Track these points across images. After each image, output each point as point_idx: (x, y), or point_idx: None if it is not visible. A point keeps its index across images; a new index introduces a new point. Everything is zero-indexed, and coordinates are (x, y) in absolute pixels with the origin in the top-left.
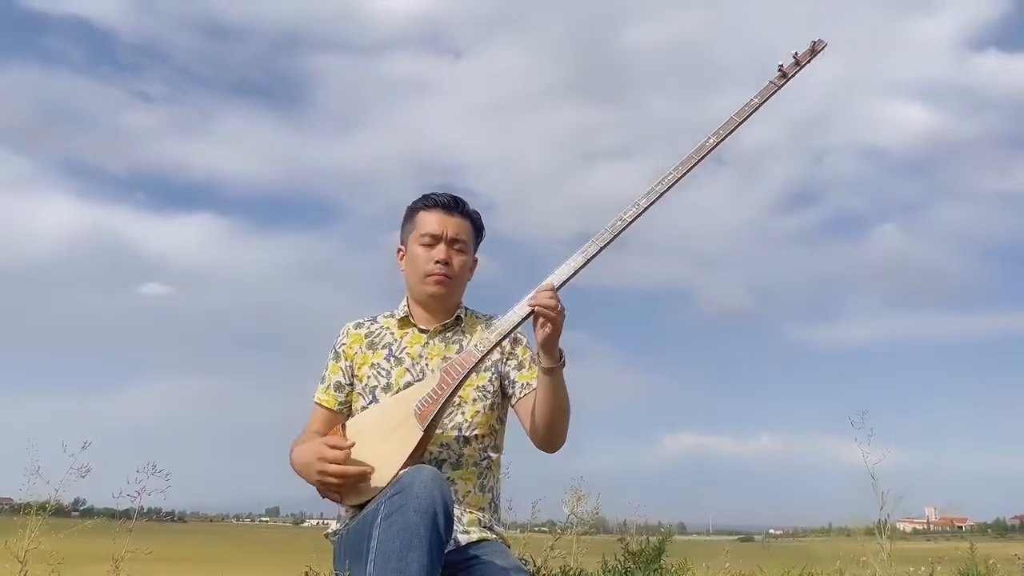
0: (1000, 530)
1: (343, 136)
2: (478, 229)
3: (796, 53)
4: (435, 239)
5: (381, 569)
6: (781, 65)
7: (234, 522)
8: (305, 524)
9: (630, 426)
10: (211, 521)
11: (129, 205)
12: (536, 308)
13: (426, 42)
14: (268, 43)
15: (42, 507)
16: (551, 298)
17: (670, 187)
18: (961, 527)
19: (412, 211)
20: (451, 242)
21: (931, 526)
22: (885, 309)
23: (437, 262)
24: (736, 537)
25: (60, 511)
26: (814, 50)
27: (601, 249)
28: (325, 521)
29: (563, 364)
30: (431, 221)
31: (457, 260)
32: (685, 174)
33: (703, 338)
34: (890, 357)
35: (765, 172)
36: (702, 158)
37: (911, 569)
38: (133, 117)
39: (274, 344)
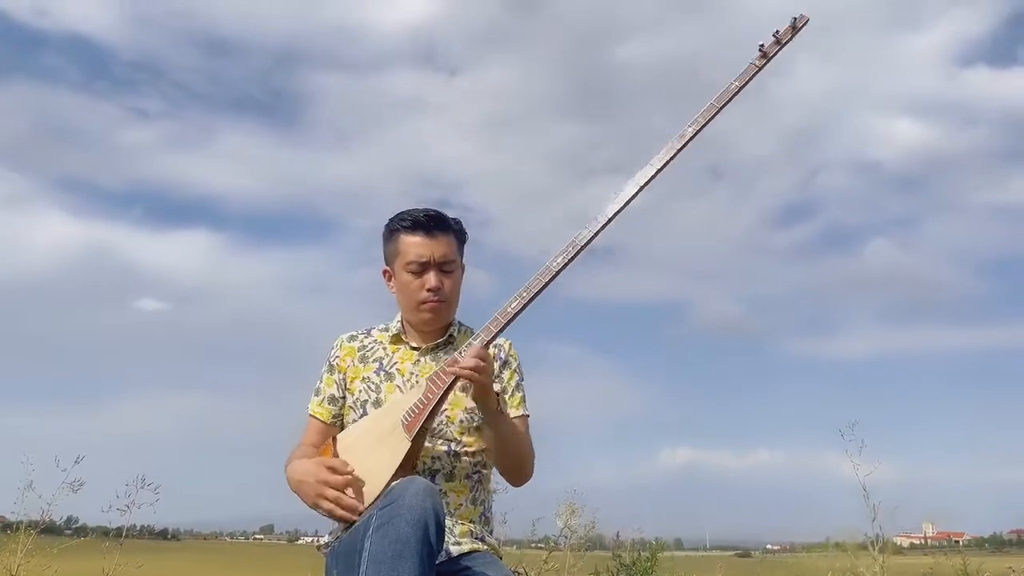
0: (997, 544)
1: (339, 152)
2: (461, 238)
3: (777, 31)
4: (423, 267)
5: None
6: (762, 45)
7: (228, 540)
8: (300, 541)
9: (627, 440)
10: (204, 539)
11: (125, 221)
12: (458, 373)
13: (422, 59)
14: (266, 60)
15: (33, 524)
16: (472, 358)
17: (649, 181)
18: (958, 541)
19: (392, 232)
20: (439, 265)
21: (928, 540)
22: (880, 323)
23: (429, 290)
24: (733, 553)
25: (52, 529)
26: (795, 27)
27: (570, 261)
28: (320, 538)
29: (499, 411)
30: (415, 247)
31: (448, 283)
32: (665, 166)
33: (700, 351)
34: (886, 370)
35: (760, 187)
36: (682, 147)
37: None
38: (130, 133)
39: (269, 359)
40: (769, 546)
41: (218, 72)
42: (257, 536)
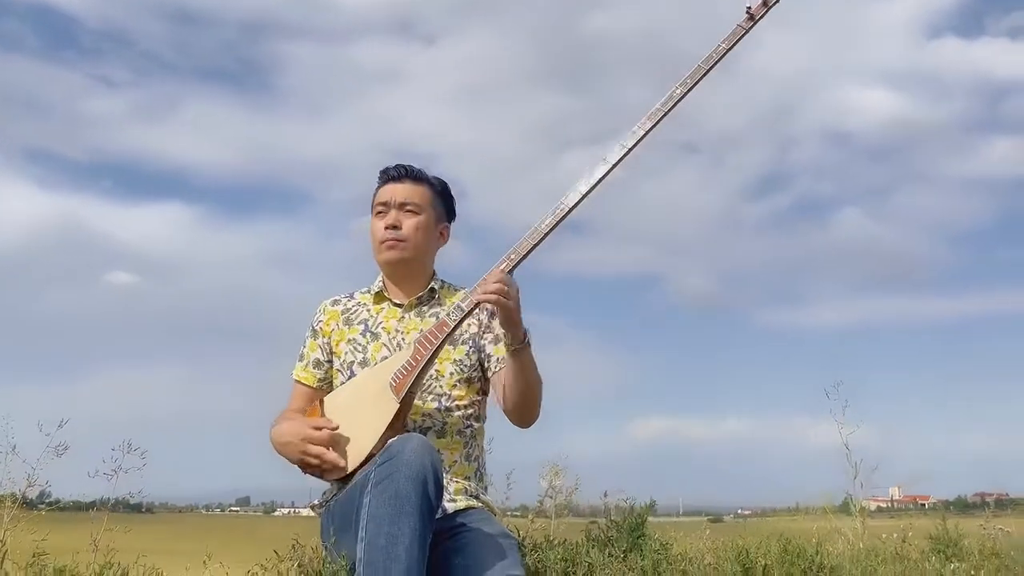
0: (961, 507)
1: (313, 123)
2: (441, 195)
3: None
4: (385, 207)
5: (373, 536)
6: (749, 7)
7: (204, 512)
8: (276, 513)
9: (601, 410)
10: (180, 512)
11: (93, 193)
12: (480, 299)
13: (397, 28)
14: (235, 29)
15: (14, 497)
16: (496, 282)
17: (638, 143)
18: (924, 504)
19: (374, 191)
20: (400, 206)
21: (895, 504)
22: (851, 293)
23: (387, 227)
24: (706, 518)
25: (27, 503)
26: None
27: (567, 214)
28: (296, 510)
29: (527, 343)
30: (382, 193)
31: (408, 222)
32: (653, 127)
33: (674, 323)
34: (856, 340)
35: (734, 159)
36: (671, 109)
37: (884, 536)
38: (96, 103)
39: (243, 332)
40: (740, 511)
41: (187, 41)
42: (233, 508)
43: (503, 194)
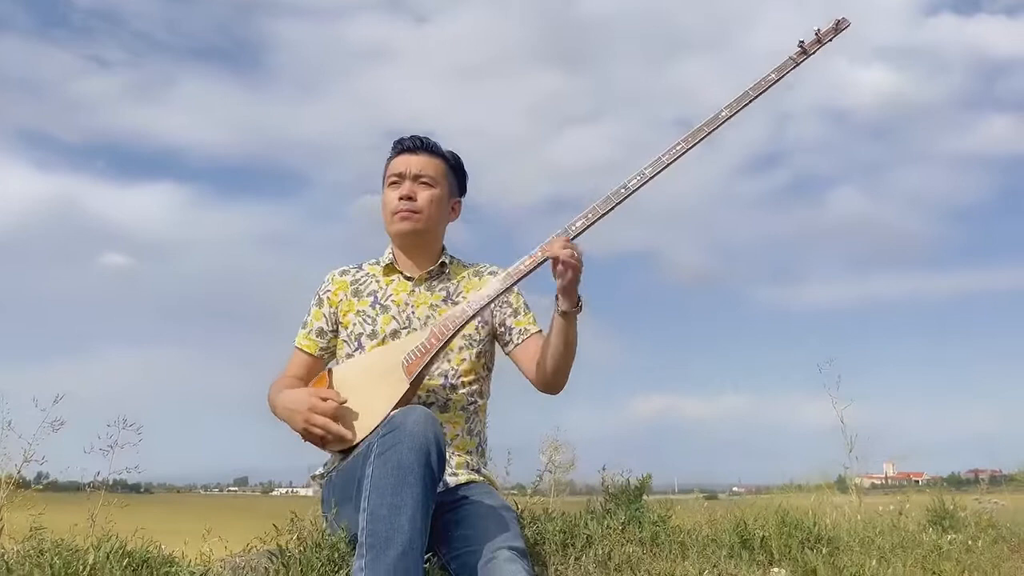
0: (955, 483)
1: (306, 102)
2: (454, 169)
3: (818, 30)
4: (400, 177)
5: (376, 506)
6: (802, 41)
7: (202, 492)
8: (274, 493)
9: (597, 388)
10: (178, 492)
11: (88, 174)
12: (556, 257)
13: (389, 6)
14: (228, 7)
15: (9, 476)
16: (566, 247)
17: (678, 157)
18: (918, 481)
19: (386, 161)
20: (415, 178)
21: (889, 481)
22: (848, 270)
23: (401, 198)
24: (700, 495)
25: (23, 483)
26: (837, 28)
27: (601, 216)
28: (294, 489)
29: (580, 308)
30: (396, 164)
31: (423, 194)
32: (695, 144)
33: (670, 300)
34: (852, 316)
35: (729, 135)
36: (714, 130)
37: (880, 509)
38: (89, 83)
39: (237, 313)
40: (735, 488)
41: (179, 19)
42: (231, 488)
43: (500, 173)
